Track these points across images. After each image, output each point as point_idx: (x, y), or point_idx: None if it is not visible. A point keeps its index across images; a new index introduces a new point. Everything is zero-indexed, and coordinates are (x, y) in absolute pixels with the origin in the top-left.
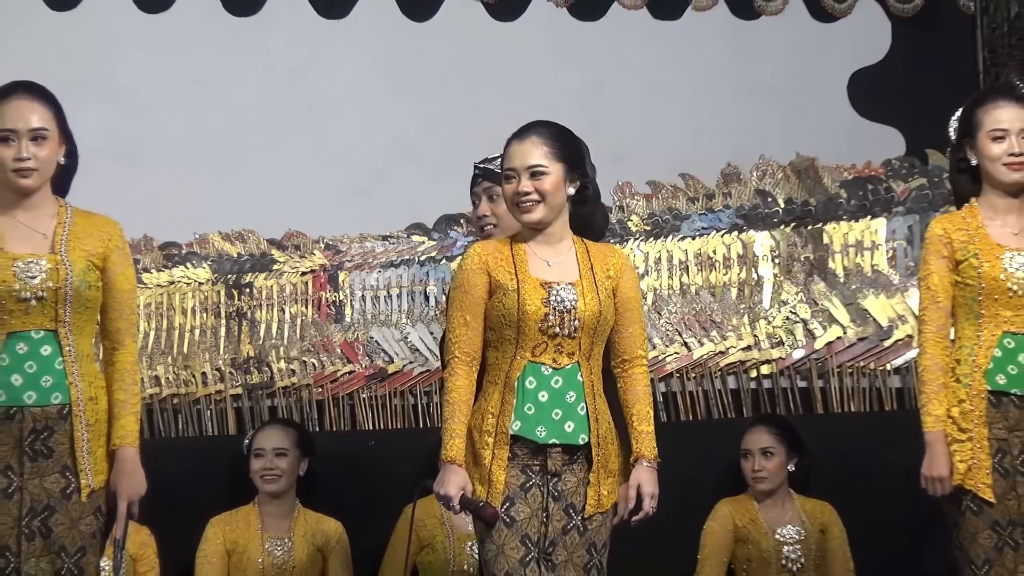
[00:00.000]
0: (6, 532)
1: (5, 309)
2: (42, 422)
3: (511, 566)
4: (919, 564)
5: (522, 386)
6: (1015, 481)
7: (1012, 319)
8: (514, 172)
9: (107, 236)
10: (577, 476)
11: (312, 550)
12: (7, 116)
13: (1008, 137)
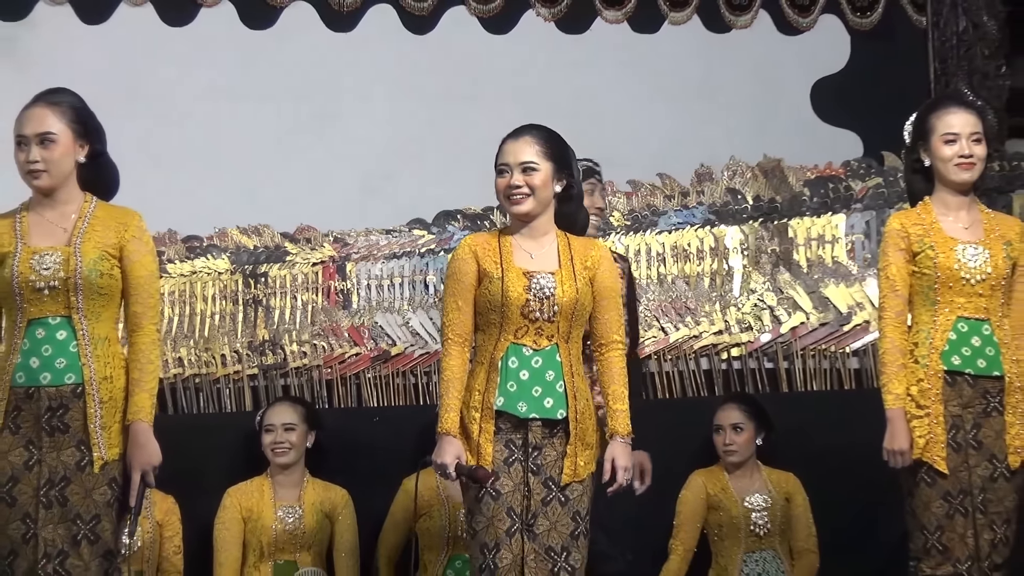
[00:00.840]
0: (27, 501)
1: (24, 298)
2: (57, 400)
3: (499, 537)
4: (875, 529)
5: (505, 365)
6: (967, 454)
7: (965, 305)
8: (507, 167)
9: (123, 227)
10: (557, 450)
11: (320, 516)
12: (20, 124)
13: (959, 140)
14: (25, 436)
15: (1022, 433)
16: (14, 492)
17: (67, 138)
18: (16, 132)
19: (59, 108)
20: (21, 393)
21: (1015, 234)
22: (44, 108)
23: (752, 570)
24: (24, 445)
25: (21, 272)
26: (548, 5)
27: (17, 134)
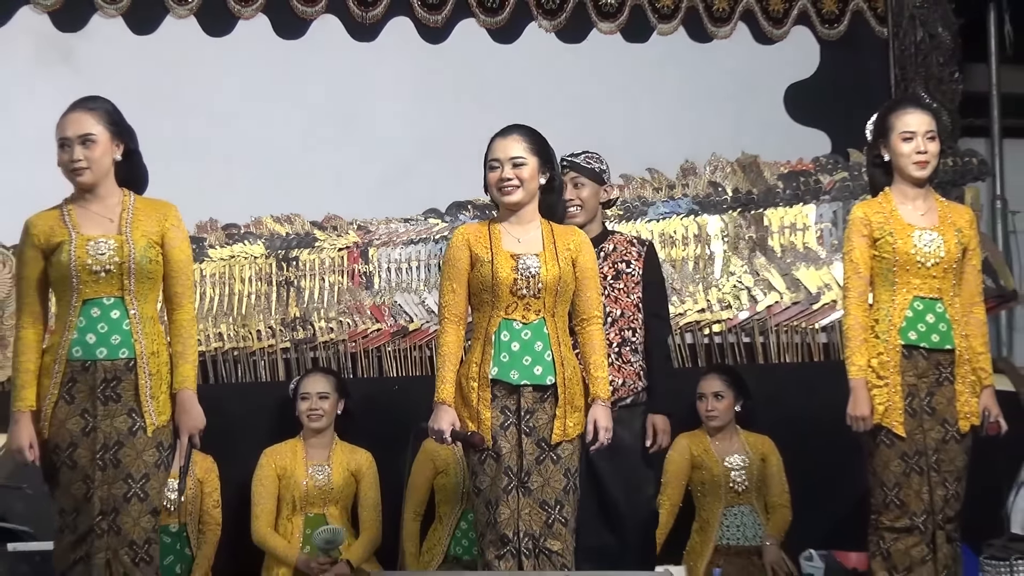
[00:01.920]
0: (86, 464)
1: (81, 280)
2: (111, 373)
3: (499, 493)
4: (840, 486)
5: (498, 339)
6: (922, 419)
7: (920, 286)
8: (498, 162)
9: (163, 217)
10: (547, 413)
11: (347, 475)
12: (63, 127)
13: (915, 138)
14: (80, 406)
15: (971, 400)
16: (74, 456)
17: (105, 138)
18: (59, 135)
19: (96, 112)
20: (78, 366)
21: (965, 222)
22: (83, 112)
23: (731, 523)
24: (80, 414)
25: (79, 257)
26: (549, 17)
27: (60, 137)
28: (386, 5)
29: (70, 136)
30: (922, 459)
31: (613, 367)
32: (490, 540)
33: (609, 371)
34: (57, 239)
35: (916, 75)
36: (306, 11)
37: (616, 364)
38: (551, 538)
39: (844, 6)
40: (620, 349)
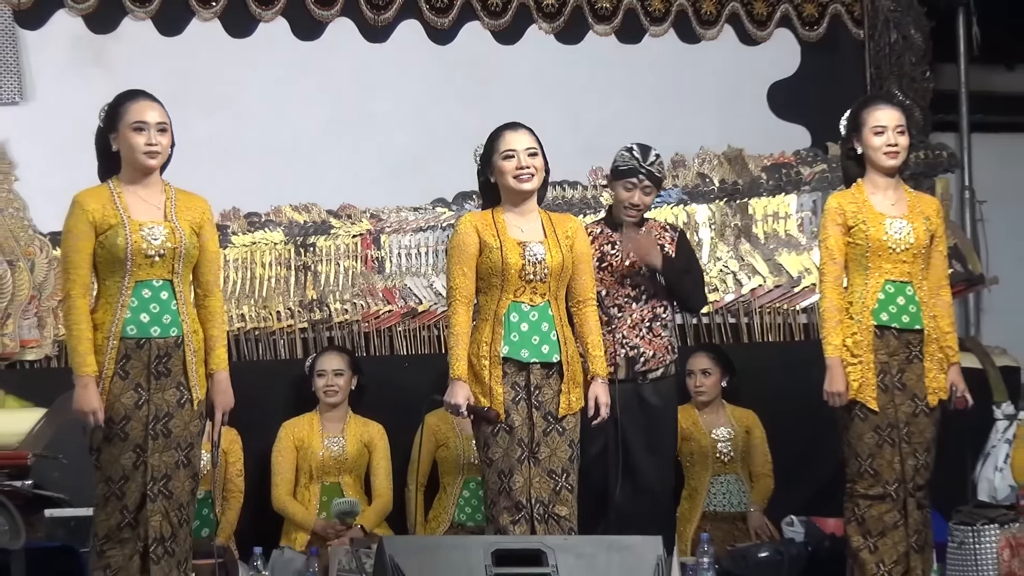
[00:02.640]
0: (138, 434)
1: (135, 263)
2: (163, 350)
3: (512, 463)
4: (818, 457)
5: (507, 320)
6: (893, 394)
7: (891, 270)
8: (514, 152)
9: (202, 211)
10: (553, 388)
11: (360, 446)
12: (140, 111)
13: (886, 132)
14: (134, 381)
15: (939, 377)
16: (127, 428)
17: (170, 129)
18: (137, 118)
19: (163, 107)
20: (132, 344)
21: (933, 211)
22: (157, 103)
23: (718, 491)
24: (133, 388)
25: (135, 242)
26: (548, 20)
27: (138, 120)
28: (397, 8)
29: (149, 121)
30: (894, 431)
31: (645, 340)
32: (504, 507)
33: (642, 344)
34: (111, 221)
35: (890, 74)
36: (322, 14)
37: (648, 338)
38: (559, 504)
39: (823, 10)
40: (651, 324)
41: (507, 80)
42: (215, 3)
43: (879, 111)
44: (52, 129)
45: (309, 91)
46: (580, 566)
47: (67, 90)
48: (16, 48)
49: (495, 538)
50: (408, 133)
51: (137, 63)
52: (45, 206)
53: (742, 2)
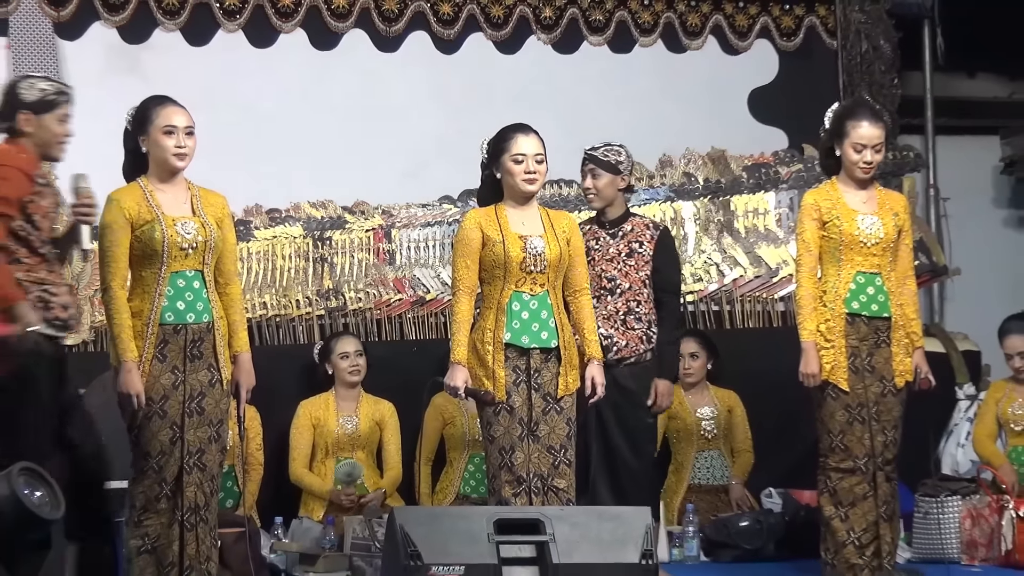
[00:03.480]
0: (175, 412)
1: (171, 255)
2: (197, 334)
3: (513, 441)
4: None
5: (510, 308)
6: (863, 376)
7: (862, 262)
8: (524, 156)
9: (222, 206)
10: (551, 371)
11: (372, 424)
12: (170, 116)
13: (865, 150)
14: (171, 363)
15: (905, 360)
16: (165, 407)
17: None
18: (167, 122)
19: (188, 112)
20: (169, 329)
21: (901, 207)
22: (184, 109)
23: (702, 465)
24: (171, 370)
25: (171, 236)
26: (546, 32)
27: (168, 124)
28: (406, 21)
29: (178, 125)
30: (863, 410)
31: (619, 331)
32: (506, 480)
33: (615, 334)
34: (146, 217)
35: (861, 81)
36: (338, 26)
37: (621, 329)
38: (557, 477)
39: (799, 22)
40: (626, 317)
41: (508, 86)
42: (239, 16)
43: (862, 128)
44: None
45: (325, 97)
46: (575, 534)
47: (103, 96)
48: (56, 57)
49: (497, 509)
50: (417, 135)
51: (167, 71)
52: None
53: (725, 14)
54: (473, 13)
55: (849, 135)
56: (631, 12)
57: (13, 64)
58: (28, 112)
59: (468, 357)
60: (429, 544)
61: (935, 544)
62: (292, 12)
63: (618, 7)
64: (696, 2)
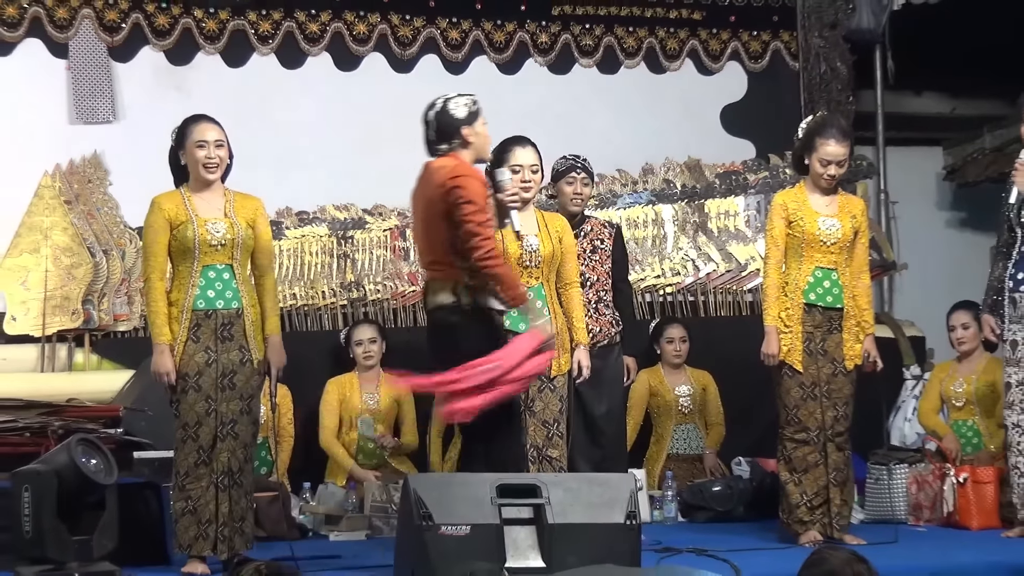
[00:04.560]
0: (209, 387)
1: (202, 251)
2: (227, 319)
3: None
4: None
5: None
6: (816, 359)
7: (821, 259)
8: (520, 167)
9: (255, 208)
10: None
11: (391, 400)
12: (202, 132)
13: (830, 165)
14: (204, 344)
15: (855, 346)
16: (200, 382)
17: (227, 145)
18: (199, 138)
19: (221, 126)
20: (201, 314)
21: (859, 210)
22: (216, 124)
23: (680, 437)
24: (203, 350)
25: (201, 235)
26: (542, 55)
27: (200, 139)
28: (419, 45)
29: (208, 140)
30: (816, 388)
31: (591, 318)
32: None
33: (589, 322)
34: (182, 218)
35: (820, 99)
36: (359, 50)
37: (594, 316)
38: (551, 448)
39: (766, 46)
40: (597, 305)
41: (509, 103)
42: (271, 40)
43: (830, 147)
44: (139, 143)
45: (348, 112)
46: (568, 498)
47: (151, 111)
48: (110, 77)
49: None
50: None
51: (208, 89)
52: (133, 206)
53: (700, 40)
54: (478, 38)
55: (817, 150)
56: (617, 38)
57: (73, 83)
58: (467, 126)
59: None
60: (439, 506)
61: (885, 507)
62: (318, 37)
63: (606, 33)
64: (674, 28)
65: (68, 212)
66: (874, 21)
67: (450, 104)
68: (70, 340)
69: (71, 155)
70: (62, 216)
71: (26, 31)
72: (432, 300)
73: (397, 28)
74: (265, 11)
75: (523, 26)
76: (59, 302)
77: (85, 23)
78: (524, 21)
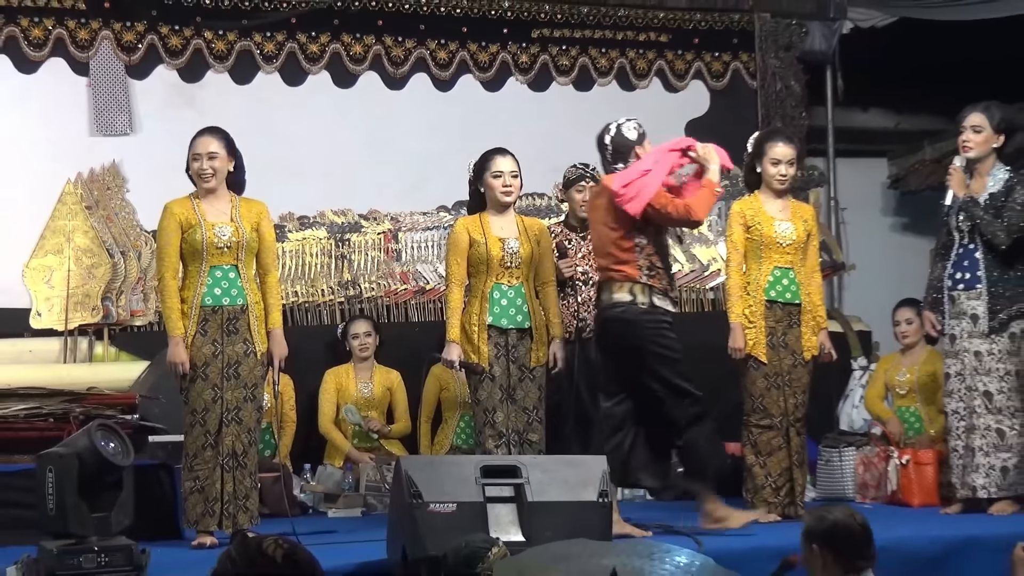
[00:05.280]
0: (215, 376)
1: (209, 253)
2: (232, 314)
3: (495, 403)
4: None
5: (492, 297)
6: (778, 351)
7: (778, 259)
8: (501, 173)
9: (259, 212)
10: (525, 347)
11: (384, 389)
12: (196, 146)
13: (780, 164)
14: (211, 337)
15: (812, 339)
16: (207, 371)
17: (224, 155)
18: (193, 151)
19: (218, 137)
20: (208, 310)
21: (809, 215)
22: (210, 136)
23: None
24: (211, 343)
25: (208, 238)
26: (523, 74)
27: (194, 152)
28: (410, 65)
29: (201, 152)
30: (779, 378)
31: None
32: (489, 435)
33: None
34: (191, 222)
35: (776, 114)
36: (355, 69)
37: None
38: (530, 432)
39: (727, 66)
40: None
41: (492, 117)
42: (275, 60)
43: (778, 147)
44: (153, 154)
45: (345, 125)
46: (546, 478)
47: (165, 125)
48: (127, 93)
49: (483, 457)
50: (418, 157)
51: (217, 105)
52: (148, 211)
53: (666, 60)
54: (464, 59)
55: (767, 153)
56: (591, 58)
57: (93, 98)
58: (639, 145)
59: (460, 336)
60: (428, 485)
61: (835, 486)
62: (318, 57)
63: (581, 54)
64: (643, 50)
65: (89, 217)
66: (825, 44)
67: (623, 128)
68: (91, 334)
69: (91, 164)
70: (83, 220)
71: (50, 51)
72: (608, 298)
73: (390, 49)
74: (269, 33)
75: (505, 47)
76: (80, 299)
77: (104, 44)
78: (506, 43)
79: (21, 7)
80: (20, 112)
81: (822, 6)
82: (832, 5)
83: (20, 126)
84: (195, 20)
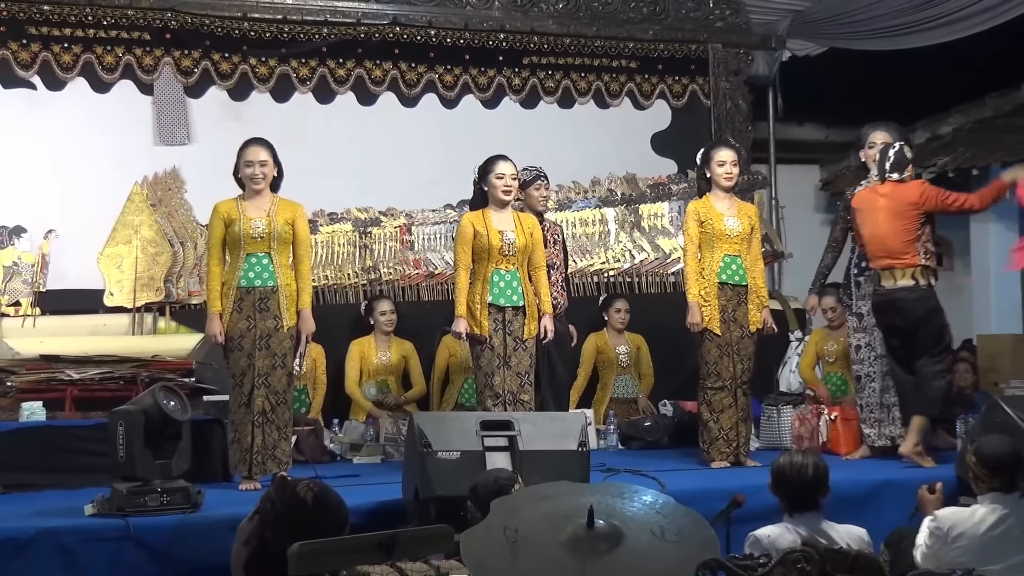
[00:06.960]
0: (249, 347)
1: (246, 242)
2: (264, 294)
3: (493, 368)
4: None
5: (492, 280)
6: (729, 325)
7: (728, 248)
8: (503, 176)
9: (294, 210)
10: (519, 321)
11: (400, 357)
12: (248, 154)
13: (725, 164)
14: (245, 314)
15: (756, 315)
16: (242, 343)
17: (271, 163)
18: (245, 159)
19: (266, 147)
20: (244, 291)
21: (753, 213)
22: (260, 147)
23: (620, 385)
24: (245, 319)
25: (245, 229)
26: (516, 94)
27: (247, 160)
28: (422, 87)
29: (253, 160)
30: (729, 348)
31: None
32: (487, 396)
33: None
34: (233, 217)
35: (726, 128)
36: (375, 90)
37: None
38: (522, 393)
39: (686, 88)
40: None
41: (490, 131)
42: (309, 82)
43: (722, 152)
44: (207, 160)
45: (368, 137)
46: (534, 430)
47: (217, 136)
48: (185, 109)
49: (482, 414)
50: (429, 164)
51: (260, 120)
52: (203, 208)
53: (635, 83)
54: (467, 81)
55: (714, 158)
56: (572, 81)
57: (156, 114)
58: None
59: (466, 312)
60: (437, 437)
61: (775, 437)
62: (345, 80)
63: (564, 78)
64: (615, 74)
65: (153, 213)
66: (768, 69)
67: (904, 147)
68: (155, 311)
69: (155, 169)
70: (148, 216)
71: (121, 74)
72: (893, 283)
73: (404, 73)
74: (304, 59)
75: (501, 72)
76: (146, 281)
77: (166, 68)
78: (502, 68)
79: (96, 38)
80: (96, 126)
81: (765, 38)
82: (774, 38)
83: (95, 138)
84: (242, 49)
